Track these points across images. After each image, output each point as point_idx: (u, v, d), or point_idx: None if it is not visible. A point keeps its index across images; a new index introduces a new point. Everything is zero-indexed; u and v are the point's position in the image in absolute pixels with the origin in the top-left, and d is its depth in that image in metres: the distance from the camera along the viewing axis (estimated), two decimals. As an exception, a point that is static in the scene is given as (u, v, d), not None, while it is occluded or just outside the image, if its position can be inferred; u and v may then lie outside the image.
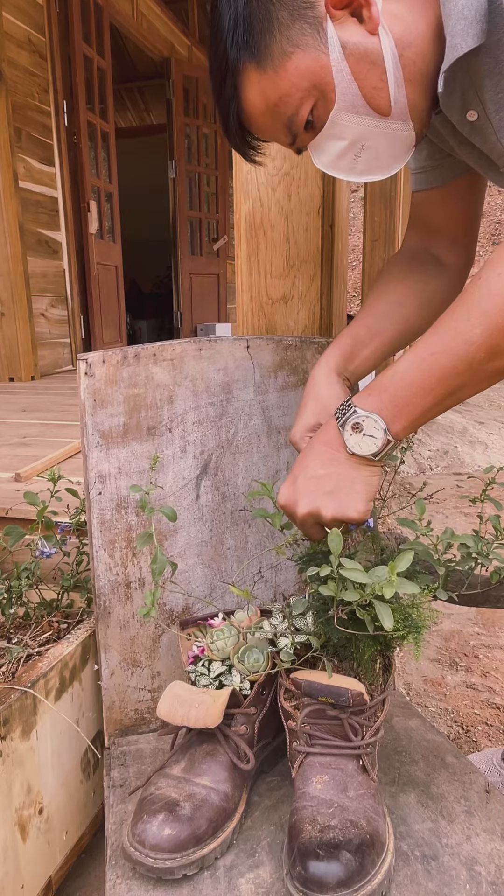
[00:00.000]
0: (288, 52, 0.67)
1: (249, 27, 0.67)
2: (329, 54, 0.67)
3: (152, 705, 0.92)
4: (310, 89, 0.68)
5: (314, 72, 0.67)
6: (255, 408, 1.00)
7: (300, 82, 0.68)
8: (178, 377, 0.94)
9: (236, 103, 0.72)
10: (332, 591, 0.67)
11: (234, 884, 0.67)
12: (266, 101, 0.70)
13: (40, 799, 0.84)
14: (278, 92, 0.69)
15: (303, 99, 0.69)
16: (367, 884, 0.62)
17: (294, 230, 1.08)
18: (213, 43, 0.71)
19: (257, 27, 0.67)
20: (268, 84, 0.69)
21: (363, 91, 0.68)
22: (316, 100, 0.69)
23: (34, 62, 3.67)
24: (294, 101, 0.69)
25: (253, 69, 0.69)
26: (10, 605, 1.01)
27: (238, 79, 0.70)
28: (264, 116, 0.72)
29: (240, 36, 0.67)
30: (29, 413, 2.60)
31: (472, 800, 0.78)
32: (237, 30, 0.67)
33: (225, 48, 0.69)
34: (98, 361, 0.88)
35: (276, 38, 0.67)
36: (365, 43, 0.66)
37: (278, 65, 0.68)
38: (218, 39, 0.69)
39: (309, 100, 0.69)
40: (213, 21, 0.71)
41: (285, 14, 0.66)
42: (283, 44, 0.67)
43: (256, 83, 0.69)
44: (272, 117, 0.72)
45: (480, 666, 1.57)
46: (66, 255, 4.10)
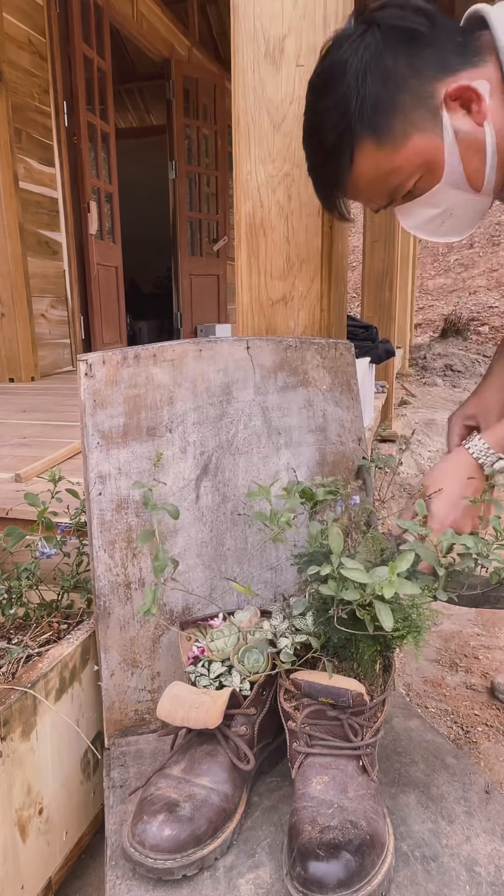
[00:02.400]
0: (408, 132, 0.77)
1: (376, 108, 0.76)
2: (444, 138, 0.78)
3: (152, 706, 0.92)
4: (420, 165, 0.79)
5: (429, 152, 0.78)
6: (255, 409, 1.00)
7: (415, 159, 0.79)
8: (179, 378, 0.94)
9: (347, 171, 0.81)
10: (333, 591, 0.68)
11: (234, 884, 0.67)
12: (377, 171, 0.80)
13: (40, 799, 0.84)
14: (392, 165, 0.79)
15: (412, 173, 0.80)
16: (367, 884, 0.62)
17: (294, 231, 1.08)
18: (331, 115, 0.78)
19: (383, 109, 0.76)
20: (383, 158, 0.79)
21: (467, 172, 0.80)
22: (423, 174, 0.80)
23: (34, 63, 3.67)
24: (404, 174, 0.80)
25: (371, 143, 0.78)
26: (11, 605, 1.01)
27: (355, 151, 0.79)
28: (371, 184, 0.82)
29: (367, 115, 0.76)
30: (29, 414, 2.60)
31: (472, 800, 0.78)
32: (363, 109, 0.76)
33: (349, 123, 0.77)
34: (98, 362, 0.88)
35: (399, 119, 0.76)
36: (474, 132, 0.78)
37: (399, 143, 0.78)
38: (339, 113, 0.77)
39: (417, 174, 0.80)
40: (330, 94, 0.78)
41: (409, 99, 0.76)
42: (405, 125, 0.77)
43: (371, 156, 0.79)
44: (377, 185, 0.82)
45: (480, 667, 1.57)
46: (66, 256, 4.10)
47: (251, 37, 1.03)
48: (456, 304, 8.63)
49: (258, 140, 1.06)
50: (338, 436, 1.08)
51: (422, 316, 8.95)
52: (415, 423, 4.21)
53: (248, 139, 1.07)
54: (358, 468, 1.09)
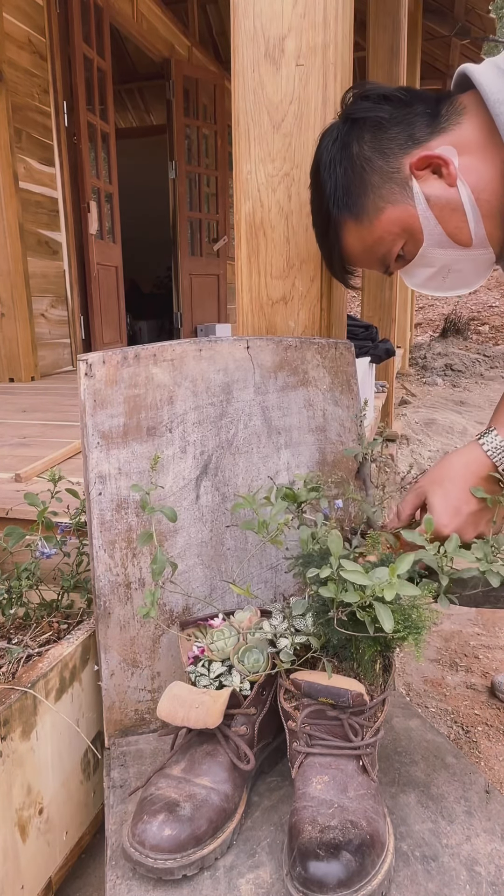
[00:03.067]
0: (380, 207, 0.84)
1: (348, 191, 0.84)
2: (416, 205, 0.82)
3: (152, 706, 0.92)
4: (400, 233, 0.85)
5: (404, 220, 0.84)
6: (255, 408, 1.00)
7: (392, 228, 0.85)
8: (179, 378, 0.94)
9: (339, 247, 0.90)
10: (333, 593, 0.68)
11: (234, 884, 0.67)
12: (363, 245, 0.88)
13: (40, 799, 0.84)
14: (373, 237, 0.86)
15: (394, 241, 0.86)
16: (368, 884, 0.62)
17: (294, 231, 1.08)
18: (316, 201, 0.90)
19: (354, 191, 0.84)
20: (364, 232, 0.86)
21: (447, 231, 0.83)
22: (406, 240, 0.86)
23: (34, 63, 3.67)
24: (387, 243, 0.86)
25: (352, 222, 0.86)
26: (11, 605, 1.01)
27: (340, 230, 0.88)
28: (362, 255, 0.90)
29: (340, 198, 0.85)
30: (29, 413, 2.60)
31: (472, 800, 0.78)
32: (337, 193, 0.85)
33: (328, 207, 0.86)
34: (98, 362, 0.88)
35: (370, 197, 0.83)
36: (446, 194, 0.81)
37: (373, 217, 0.84)
38: (319, 200, 0.88)
39: (399, 240, 0.86)
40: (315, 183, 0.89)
41: (377, 178, 0.83)
42: (376, 201, 0.84)
43: (355, 232, 0.87)
44: (368, 255, 0.89)
45: (480, 666, 1.57)
46: (66, 256, 4.10)
47: (251, 37, 1.03)
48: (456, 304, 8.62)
49: (258, 140, 1.06)
50: (338, 435, 1.08)
51: (422, 316, 8.95)
52: (415, 423, 4.21)
53: (248, 139, 1.07)
54: (358, 468, 1.09)
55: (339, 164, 0.84)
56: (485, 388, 5.67)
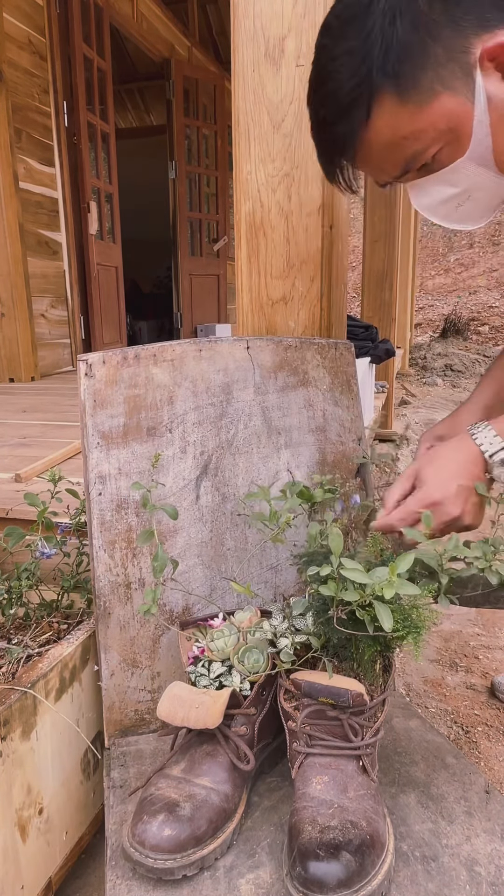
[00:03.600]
0: (437, 91, 0.66)
1: (403, 56, 0.65)
2: (475, 103, 0.66)
3: (152, 706, 0.92)
4: (445, 132, 0.68)
5: (457, 116, 0.67)
6: (255, 408, 1.00)
7: (440, 123, 0.68)
8: (179, 378, 0.94)
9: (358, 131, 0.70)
10: (333, 591, 0.68)
11: (234, 884, 0.67)
12: (395, 134, 0.69)
13: (40, 799, 0.84)
14: (413, 127, 0.68)
15: (435, 139, 0.69)
16: (367, 884, 0.62)
17: (294, 231, 1.08)
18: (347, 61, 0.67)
19: (412, 58, 0.65)
20: (404, 117, 0.68)
21: (496, 146, 0.69)
22: (445, 143, 0.69)
23: (34, 63, 3.67)
24: (426, 140, 0.69)
25: (393, 99, 0.67)
26: (11, 605, 1.01)
27: (373, 104, 0.68)
28: (385, 147, 0.71)
29: (391, 62, 0.65)
30: (29, 414, 2.60)
31: (472, 800, 0.78)
32: (388, 55, 0.65)
33: (369, 71, 0.66)
34: (98, 362, 0.88)
35: (427, 74, 0.66)
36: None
37: (423, 101, 0.67)
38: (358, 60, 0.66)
39: (440, 142, 0.69)
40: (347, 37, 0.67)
41: (441, 52, 0.65)
42: (433, 81, 0.66)
43: (392, 114, 0.68)
44: (393, 149, 0.71)
45: (480, 667, 1.57)
46: (66, 256, 4.10)
47: (251, 37, 1.03)
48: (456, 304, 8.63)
49: (258, 140, 1.06)
50: (338, 436, 1.08)
51: (422, 316, 8.95)
52: (415, 423, 4.21)
53: (248, 139, 1.07)
54: (358, 468, 1.09)
55: (401, 17, 0.64)
56: (485, 389, 5.65)
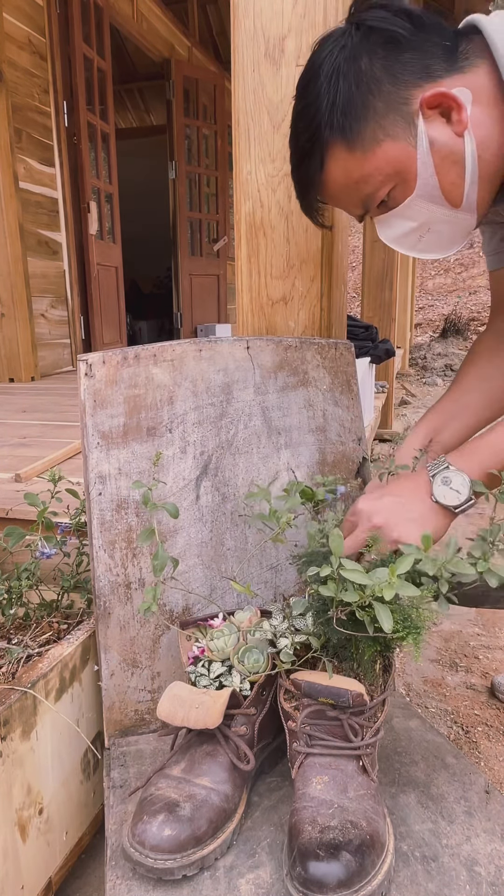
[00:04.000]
0: (379, 139, 0.73)
1: (347, 112, 0.72)
2: (417, 147, 0.73)
3: (152, 706, 0.92)
4: (392, 175, 0.75)
5: (401, 160, 0.74)
6: (255, 408, 1.00)
7: (385, 167, 0.74)
8: (179, 378, 0.94)
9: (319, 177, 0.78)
10: (332, 592, 0.68)
11: (234, 884, 0.67)
12: (348, 178, 0.77)
13: (40, 799, 0.84)
14: (362, 172, 0.75)
15: (383, 182, 0.76)
16: (368, 884, 0.62)
17: (294, 231, 1.08)
18: (304, 117, 0.76)
19: (354, 113, 0.72)
20: (353, 164, 0.75)
21: (442, 185, 0.75)
22: (395, 184, 0.76)
23: (34, 63, 3.67)
24: (375, 183, 0.76)
25: (342, 149, 0.74)
26: (11, 605, 1.01)
27: (325, 155, 0.76)
28: (343, 190, 0.79)
29: (336, 118, 0.73)
30: (29, 414, 2.60)
31: (472, 800, 0.78)
32: (334, 111, 0.73)
33: (318, 125, 0.74)
34: (98, 362, 0.88)
35: (370, 125, 0.72)
36: (451, 143, 0.72)
37: (368, 149, 0.73)
38: (311, 115, 0.74)
39: (389, 183, 0.76)
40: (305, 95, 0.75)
41: (381, 104, 0.72)
42: (375, 131, 0.73)
43: (342, 161, 0.75)
44: (349, 192, 0.78)
45: (480, 667, 1.57)
46: (66, 256, 4.10)
47: (251, 36, 1.03)
48: (456, 304, 8.63)
49: (258, 140, 1.06)
50: (338, 436, 1.08)
51: (422, 316, 8.95)
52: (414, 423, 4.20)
53: (248, 139, 1.07)
54: (358, 468, 1.09)
55: (344, 78, 0.71)
56: (485, 389, 5.66)
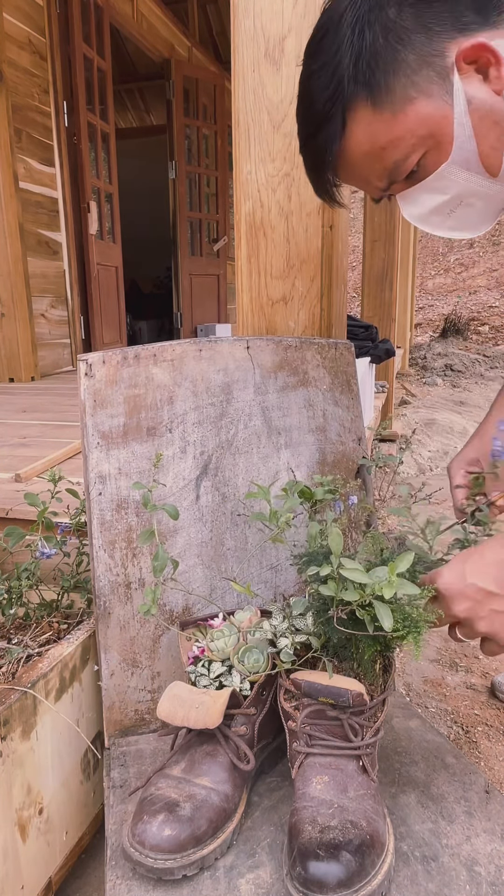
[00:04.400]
0: (412, 96, 0.65)
1: (374, 64, 0.64)
2: (454, 106, 0.65)
3: (152, 706, 0.92)
4: (425, 138, 0.67)
5: (436, 121, 0.66)
6: (255, 408, 1.00)
7: (417, 129, 0.66)
8: (179, 378, 0.94)
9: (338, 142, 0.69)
10: (332, 591, 0.68)
11: (234, 884, 0.67)
12: (373, 143, 0.68)
13: (40, 799, 0.84)
14: (390, 135, 0.67)
15: (415, 146, 0.67)
16: (367, 884, 0.62)
17: (294, 231, 1.08)
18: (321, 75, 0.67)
19: (382, 66, 0.64)
20: (381, 126, 0.67)
21: (480, 149, 0.67)
22: (427, 149, 0.68)
23: (34, 63, 3.67)
24: (405, 147, 0.67)
25: (367, 108, 0.66)
26: (11, 605, 1.01)
27: (348, 114, 0.67)
28: (364, 158, 0.70)
29: (362, 71, 0.65)
30: (29, 413, 2.60)
31: (472, 800, 0.78)
32: (359, 65, 0.65)
33: (340, 81, 0.66)
34: (98, 362, 0.88)
35: (400, 80, 0.65)
36: (490, 101, 0.65)
37: (398, 108, 0.66)
38: (330, 72, 0.66)
39: (420, 148, 0.68)
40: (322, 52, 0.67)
41: (413, 58, 0.64)
42: (407, 87, 0.65)
43: (367, 123, 0.67)
44: (374, 160, 0.69)
45: (480, 667, 1.57)
46: (66, 256, 4.10)
47: (251, 36, 1.03)
48: (456, 304, 8.63)
49: (258, 140, 1.06)
50: (338, 436, 1.08)
51: (422, 316, 8.95)
52: (415, 423, 4.21)
53: (248, 139, 1.07)
54: (358, 468, 1.09)
55: (370, 28, 0.64)
56: (485, 389, 5.67)
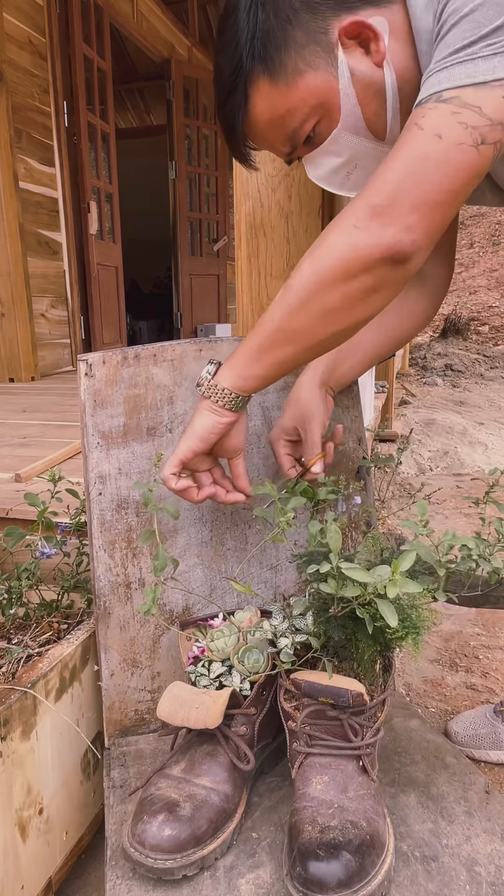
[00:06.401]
0: (301, 70, 0.72)
1: (267, 41, 0.72)
2: (339, 78, 0.72)
3: (152, 706, 0.92)
4: (316, 107, 0.74)
5: (323, 91, 0.73)
6: (254, 408, 1.00)
7: (309, 99, 0.74)
8: (179, 378, 0.94)
9: (243, 112, 0.76)
10: (332, 589, 0.68)
11: (234, 884, 0.67)
12: (272, 112, 0.75)
13: (40, 799, 0.84)
14: (287, 105, 0.74)
15: (308, 115, 0.75)
16: (367, 884, 0.62)
17: (294, 231, 1.08)
18: (226, 51, 0.75)
19: (274, 42, 0.72)
20: (277, 97, 0.74)
21: (365, 115, 0.75)
22: (320, 117, 0.75)
23: (34, 63, 3.67)
24: (300, 116, 0.75)
25: (265, 81, 0.73)
26: (11, 605, 1.01)
27: (249, 88, 0.75)
28: (268, 126, 0.77)
29: (257, 49, 0.72)
30: (29, 413, 2.60)
31: (472, 800, 0.78)
32: (254, 42, 0.72)
33: (240, 58, 0.73)
34: (98, 362, 0.88)
35: (291, 55, 0.72)
36: (371, 73, 0.73)
37: (290, 80, 0.73)
38: (232, 49, 0.74)
39: (314, 116, 0.75)
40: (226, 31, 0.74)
41: (301, 34, 0.71)
42: (297, 62, 0.72)
43: (266, 94, 0.74)
44: (275, 127, 0.77)
45: (480, 667, 1.57)
46: (66, 256, 4.10)
47: (251, 37, 1.02)
48: (456, 304, 8.63)
49: (258, 140, 1.06)
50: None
51: (422, 316, 8.93)
52: (415, 423, 4.21)
53: (248, 139, 1.07)
54: (358, 468, 1.09)
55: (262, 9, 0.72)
56: (485, 389, 5.67)
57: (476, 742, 1.21)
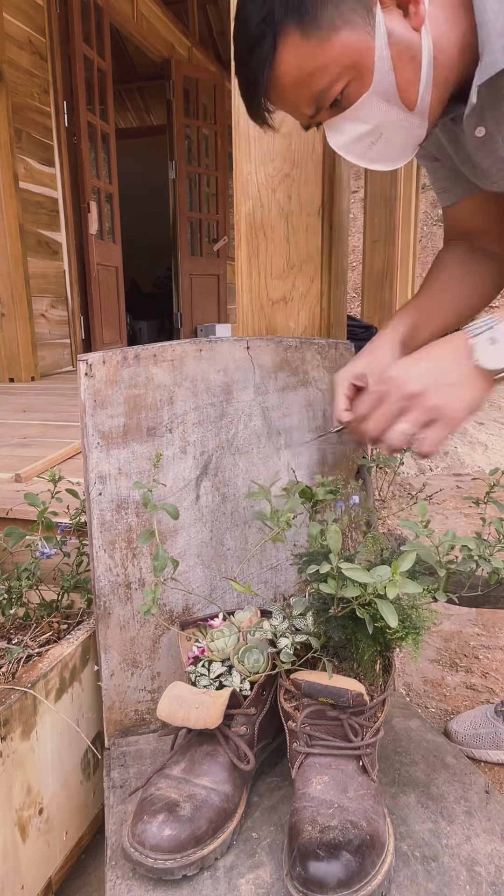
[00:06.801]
0: (337, 25, 0.67)
1: None
2: (375, 39, 0.68)
3: (152, 706, 0.92)
4: (348, 67, 0.69)
5: (358, 51, 0.68)
6: (255, 409, 1.00)
7: (342, 58, 0.69)
8: (179, 378, 0.94)
9: (269, 68, 0.71)
10: (332, 589, 0.68)
11: (235, 884, 0.67)
12: (300, 70, 0.70)
13: (40, 799, 0.84)
14: (317, 62, 0.69)
15: (339, 75, 0.70)
16: (367, 884, 0.62)
17: (294, 231, 1.08)
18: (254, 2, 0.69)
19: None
20: (307, 53, 0.69)
21: (398, 82, 0.70)
22: (350, 79, 0.70)
23: (34, 63, 3.67)
24: (329, 76, 0.70)
25: (296, 34, 0.68)
26: (11, 605, 1.01)
27: (278, 41, 0.69)
28: (294, 84, 0.72)
29: None
30: (29, 414, 2.60)
31: (472, 800, 0.78)
32: None
33: (273, 6, 0.67)
34: (98, 362, 0.88)
35: (328, 9, 0.67)
36: (408, 36, 0.69)
37: (324, 36, 0.68)
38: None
39: (344, 77, 0.70)
40: None
41: None
42: (333, 17, 0.67)
43: (295, 49, 0.69)
44: (301, 86, 0.71)
45: (480, 667, 1.57)
46: (66, 256, 4.10)
47: (251, 37, 1.02)
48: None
49: (258, 140, 1.06)
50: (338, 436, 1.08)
51: (422, 316, 8.93)
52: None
53: (248, 139, 1.07)
54: (358, 468, 1.09)
55: None
56: (485, 389, 5.66)
57: (476, 742, 1.21)
